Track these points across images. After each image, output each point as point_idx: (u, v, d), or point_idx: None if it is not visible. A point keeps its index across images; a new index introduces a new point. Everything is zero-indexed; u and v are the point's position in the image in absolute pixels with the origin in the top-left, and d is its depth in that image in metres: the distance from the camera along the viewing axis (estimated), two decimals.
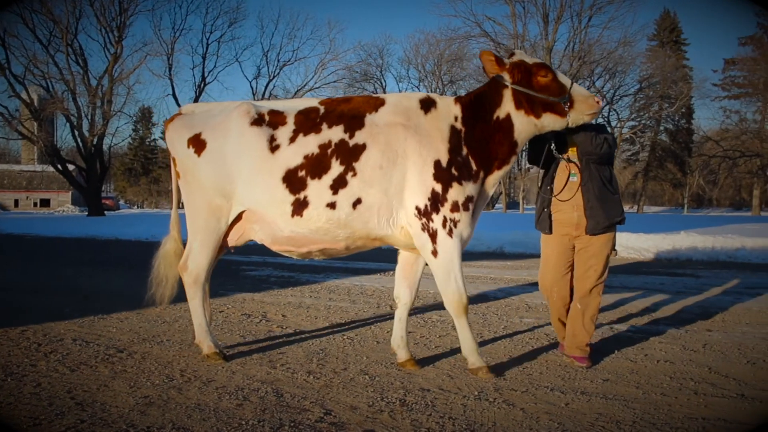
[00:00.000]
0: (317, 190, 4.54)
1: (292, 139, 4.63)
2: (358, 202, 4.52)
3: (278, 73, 48.23)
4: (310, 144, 4.60)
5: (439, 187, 4.48)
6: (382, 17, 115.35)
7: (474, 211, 4.65)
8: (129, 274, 10.39)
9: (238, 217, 4.81)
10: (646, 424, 3.66)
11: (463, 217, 4.53)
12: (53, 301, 7.51)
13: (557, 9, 44.02)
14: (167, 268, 5.12)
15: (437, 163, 4.51)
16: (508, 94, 4.63)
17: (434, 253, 4.53)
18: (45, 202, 71.31)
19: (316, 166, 4.56)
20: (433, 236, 4.51)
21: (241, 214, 4.79)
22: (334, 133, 4.60)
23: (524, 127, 4.64)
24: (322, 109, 4.74)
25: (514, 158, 4.78)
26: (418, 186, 4.49)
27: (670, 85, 53.12)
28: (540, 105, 4.56)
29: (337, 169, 4.53)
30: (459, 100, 4.78)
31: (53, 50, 38.19)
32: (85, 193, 40.79)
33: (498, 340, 5.72)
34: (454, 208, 4.50)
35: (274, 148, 4.62)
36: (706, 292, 8.65)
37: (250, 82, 48.22)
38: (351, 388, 4.27)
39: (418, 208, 4.51)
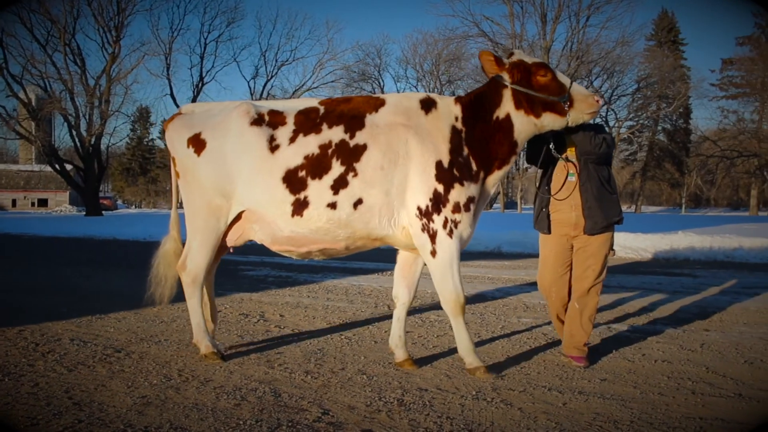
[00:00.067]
0: (318, 190, 4.53)
1: (292, 139, 4.62)
2: (359, 203, 4.51)
3: (276, 73, 48.37)
4: (310, 144, 4.60)
5: (441, 188, 4.48)
6: (380, 17, 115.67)
7: (474, 211, 4.65)
8: (127, 274, 10.39)
9: (238, 217, 4.80)
10: (643, 424, 3.66)
11: (464, 218, 4.53)
12: (51, 301, 7.50)
13: (555, 9, 44.14)
14: (166, 267, 5.11)
15: (439, 164, 4.51)
16: (507, 94, 4.62)
17: (433, 253, 4.53)
18: (43, 202, 71.22)
19: (317, 166, 4.55)
20: (433, 236, 4.50)
21: (241, 213, 4.78)
22: (335, 134, 4.60)
23: (524, 126, 4.64)
24: (322, 110, 4.73)
25: (514, 158, 4.78)
26: (420, 186, 4.49)
27: (668, 85, 53.17)
28: (540, 104, 4.56)
29: (337, 169, 4.52)
30: (459, 100, 4.77)
31: (51, 50, 38.27)
32: (83, 193, 40.77)
33: (496, 340, 5.72)
34: (456, 208, 4.49)
35: (273, 148, 4.61)
36: (703, 291, 8.66)
37: (248, 82, 48.30)
38: (349, 388, 4.27)
39: (419, 208, 4.50)
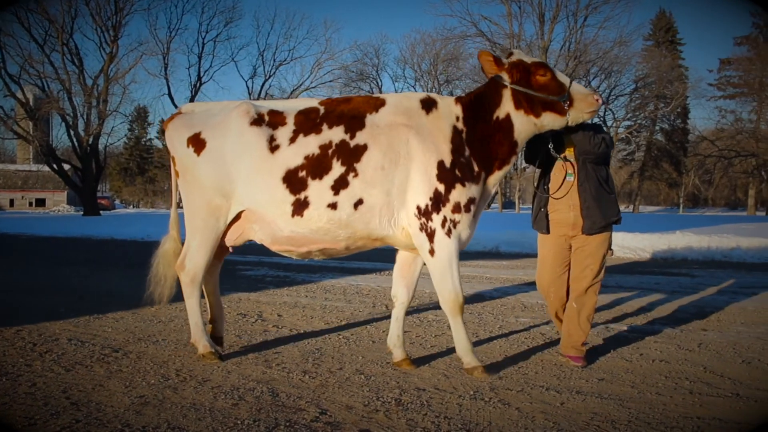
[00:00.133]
0: (318, 190, 4.53)
1: (292, 140, 4.62)
2: (359, 203, 4.51)
3: (274, 73, 48.35)
4: (310, 144, 4.59)
5: (442, 188, 4.48)
6: (378, 17, 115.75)
7: (475, 212, 4.65)
8: (125, 273, 10.38)
9: (237, 217, 4.80)
10: (641, 424, 3.66)
11: (464, 218, 4.53)
12: (49, 301, 7.49)
13: (553, 9, 44.18)
14: (166, 267, 5.10)
15: (440, 164, 4.50)
16: (507, 94, 4.62)
17: (431, 252, 4.53)
18: (40, 202, 71.23)
19: (317, 166, 4.55)
20: (431, 236, 4.50)
21: (240, 213, 4.78)
22: (335, 134, 4.59)
23: (524, 126, 4.63)
24: (322, 110, 4.73)
25: (514, 158, 4.78)
26: (421, 186, 4.49)
27: (666, 85, 53.18)
28: (539, 104, 4.56)
29: (338, 169, 4.52)
30: (459, 100, 4.77)
31: (49, 49, 38.25)
32: (81, 193, 40.75)
33: (494, 340, 5.72)
34: (456, 208, 4.49)
35: (273, 148, 4.61)
36: (701, 291, 8.67)
37: (246, 82, 48.12)
38: (347, 388, 4.27)
39: (419, 208, 4.50)
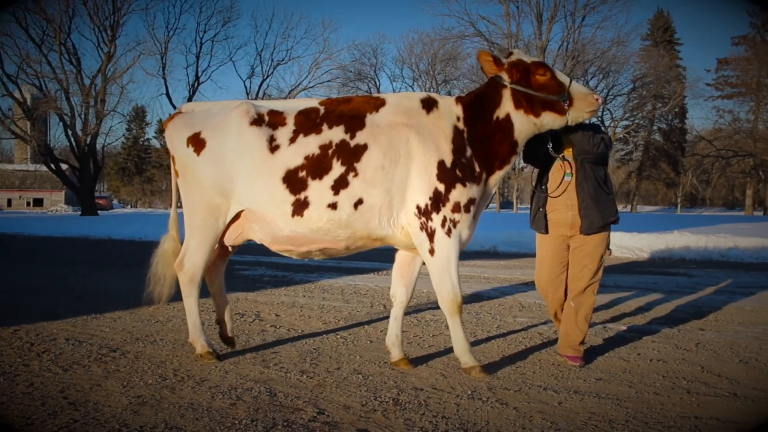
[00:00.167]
0: (318, 190, 4.52)
1: (292, 140, 4.61)
2: (359, 203, 4.51)
3: (272, 73, 48.33)
4: (310, 144, 4.59)
5: (442, 187, 4.47)
6: (376, 17, 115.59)
7: (475, 213, 4.64)
8: (122, 273, 10.38)
9: (237, 216, 4.79)
10: (638, 423, 3.67)
11: (464, 219, 4.53)
12: (46, 301, 7.48)
13: (551, 9, 44.27)
14: (165, 266, 5.09)
15: (441, 164, 4.50)
16: (507, 94, 4.62)
17: (431, 252, 4.53)
18: (38, 202, 71.15)
19: (317, 166, 4.54)
20: (431, 235, 4.50)
21: (240, 213, 4.78)
22: (335, 134, 4.59)
23: (524, 126, 4.63)
24: (322, 110, 4.72)
25: (514, 158, 4.78)
26: (421, 186, 4.49)
27: (664, 85, 53.23)
28: (539, 104, 4.56)
29: (338, 169, 4.51)
30: (460, 100, 4.77)
31: (46, 49, 38.19)
32: (79, 193, 40.69)
33: (491, 340, 5.72)
34: (456, 208, 4.49)
35: (273, 149, 4.60)
36: (699, 291, 8.68)
37: (244, 82, 47.94)
38: (344, 388, 4.27)
39: (418, 207, 4.50)
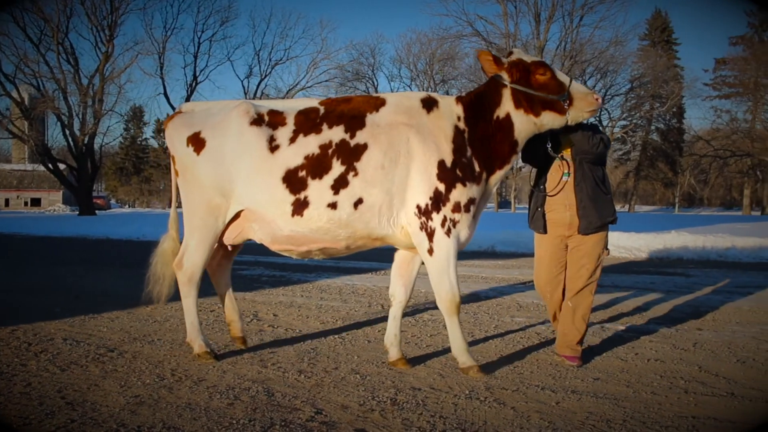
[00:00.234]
0: (318, 190, 4.52)
1: (292, 140, 4.61)
2: (359, 202, 4.50)
3: (270, 73, 48.24)
4: (310, 144, 4.59)
5: (442, 187, 4.47)
6: (374, 17, 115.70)
7: (475, 213, 4.64)
8: (120, 273, 10.37)
9: (236, 216, 4.79)
10: (636, 423, 3.67)
11: (463, 218, 4.52)
12: (44, 301, 7.47)
13: (549, 8, 44.25)
14: (164, 266, 5.09)
15: (441, 163, 4.50)
16: (507, 94, 4.62)
17: (430, 252, 4.52)
18: (36, 202, 71.06)
19: (317, 166, 4.54)
20: (431, 235, 4.50)
21: (239, 212, 4.77)
22: (335, 133, 4.59)
23: (524, 126, 4.63)
24: (322, 110, 4.72)
25: (514, 158, 4.78)
26: (421, 185, 4.48)
27: (662, 85, 53.29)
28: (539, 103, 4.55)
29: (338, 169, 4.51)
30: (460, 99, 4.77)
31: (44, 49, 38.17)
32: (76, 193, 40.66)
33: (489, 340, 5.72)
34: (456, 208, 4.49)
35: (273, 148, 4.60)
36: (696, 291, 8.69)
37: (242, 81, 48.03)
38: (342, 388, 4.26)
39: (418, 207, 4.50)
